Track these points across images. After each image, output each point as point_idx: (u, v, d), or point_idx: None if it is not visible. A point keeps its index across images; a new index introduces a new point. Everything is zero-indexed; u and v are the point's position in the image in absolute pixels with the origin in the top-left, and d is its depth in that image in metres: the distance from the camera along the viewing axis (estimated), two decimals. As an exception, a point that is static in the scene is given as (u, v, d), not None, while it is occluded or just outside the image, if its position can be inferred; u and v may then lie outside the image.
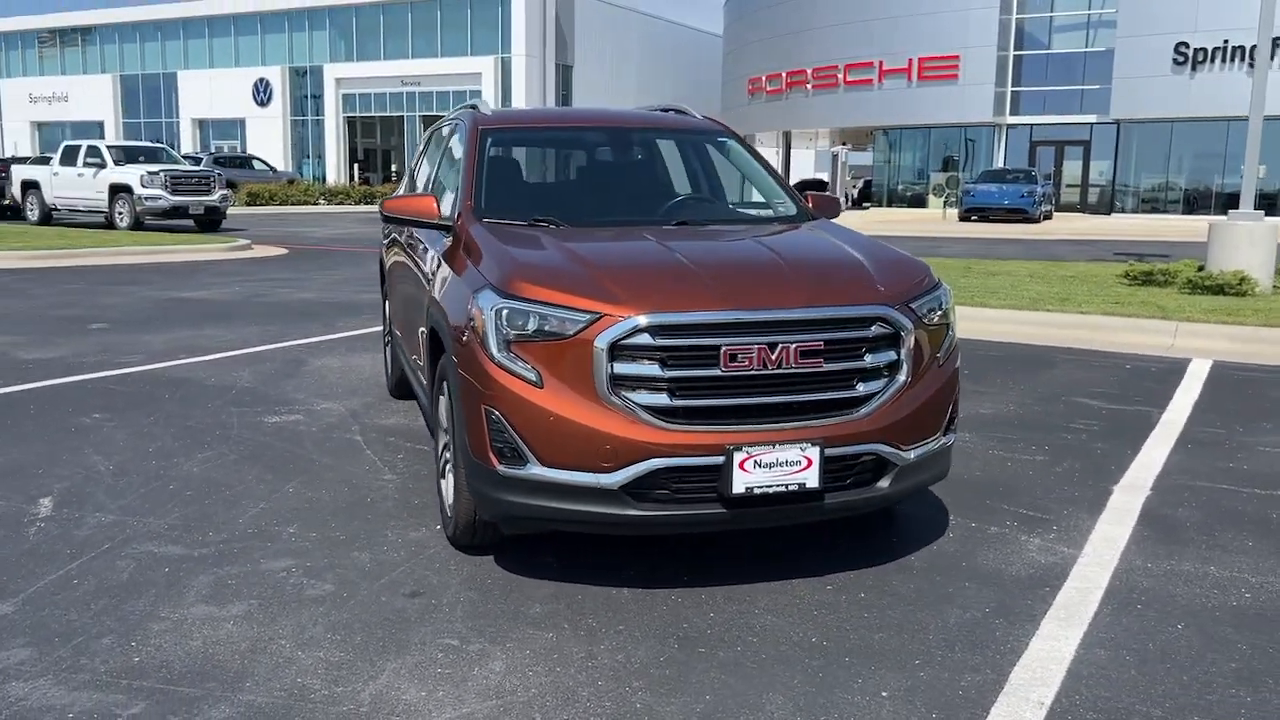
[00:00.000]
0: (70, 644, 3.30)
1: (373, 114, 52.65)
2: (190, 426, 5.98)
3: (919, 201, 42.52)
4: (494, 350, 3.61)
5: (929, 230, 26.66)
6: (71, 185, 23.87)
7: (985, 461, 5.44)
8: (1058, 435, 5.97)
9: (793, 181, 46.91)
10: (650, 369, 3.48)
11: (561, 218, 4.54)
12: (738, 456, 3.47)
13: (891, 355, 3.74)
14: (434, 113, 47.06)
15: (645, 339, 3.47)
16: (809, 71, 43.17)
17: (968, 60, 38.14)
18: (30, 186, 25.17)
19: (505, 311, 3.61)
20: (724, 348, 3.48)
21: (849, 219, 34.79)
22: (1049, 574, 3.95)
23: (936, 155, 42.79)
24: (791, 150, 51.22)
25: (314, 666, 3.17)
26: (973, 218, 30.87)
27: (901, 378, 3.75)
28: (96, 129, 57.94)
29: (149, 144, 27.56)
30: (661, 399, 3.48)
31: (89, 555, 4.03)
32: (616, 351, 3.47)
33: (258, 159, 44.37)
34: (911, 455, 3.79)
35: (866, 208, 44.34)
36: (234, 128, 56.22)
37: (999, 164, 38.47)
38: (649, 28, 55.92)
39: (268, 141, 53.82)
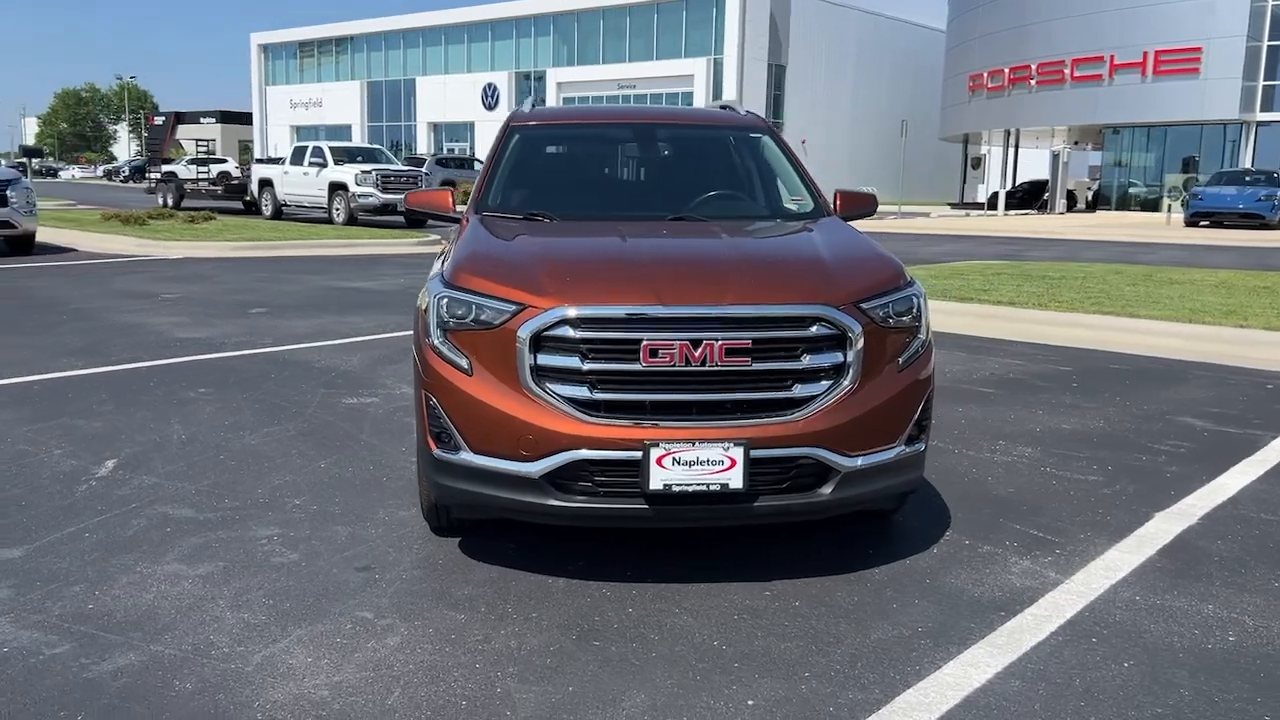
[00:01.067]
0: (46, 589, 3.67)
1: (591, 116, 54.14)
2: (274, 404, 6.44)
3: (1153, 205, 39.61)
4: (434, 338, 3.73)
5: (1143, 236, 24.75)
6: (298, 183, 26.01)
7: (1028, 478, 5.08)
8: (1132, 455, 5.49)
9: (1018, 181, 44.13)
10: (571, 361, 3.50)
11: (560, 212, 4.61)
12: (655, 452, 3.43)
13: (836, 357, 3.59)
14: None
15: (566, 331, 3.49)
16: (1033, 67, 41.07)
17: (1211, 52, 35.22)
18: (265, 184, 27.59)
19: (446, 300, 3.72)
20: (645, 342, 3.45)
21: (1080, 221, 32.75)
22: (1015, 598, 3.67)
23: (1174, 156, 39.68)
24: (1019, 149, 48.72)
25: (233, 627, 3.39)
26: (1201, 223, 28.40)
27: (847, 381, 3.59)
28: (346, 132, 62.62)
29: (367, 145, 29.62)
30: (582, 391, 3.50)
31: (113, 513, 4.45)
32: (540, 342, 3.51)
33: (479, 160, 46.61)
34: (859, 462, 3.62)
35: (1095, 211, 41.74)
36: (464, 130, 59.40)
37: (1246, 165, 35.27)
38: (868, 25, 54.76)
39: (494, 143, 56.42)
